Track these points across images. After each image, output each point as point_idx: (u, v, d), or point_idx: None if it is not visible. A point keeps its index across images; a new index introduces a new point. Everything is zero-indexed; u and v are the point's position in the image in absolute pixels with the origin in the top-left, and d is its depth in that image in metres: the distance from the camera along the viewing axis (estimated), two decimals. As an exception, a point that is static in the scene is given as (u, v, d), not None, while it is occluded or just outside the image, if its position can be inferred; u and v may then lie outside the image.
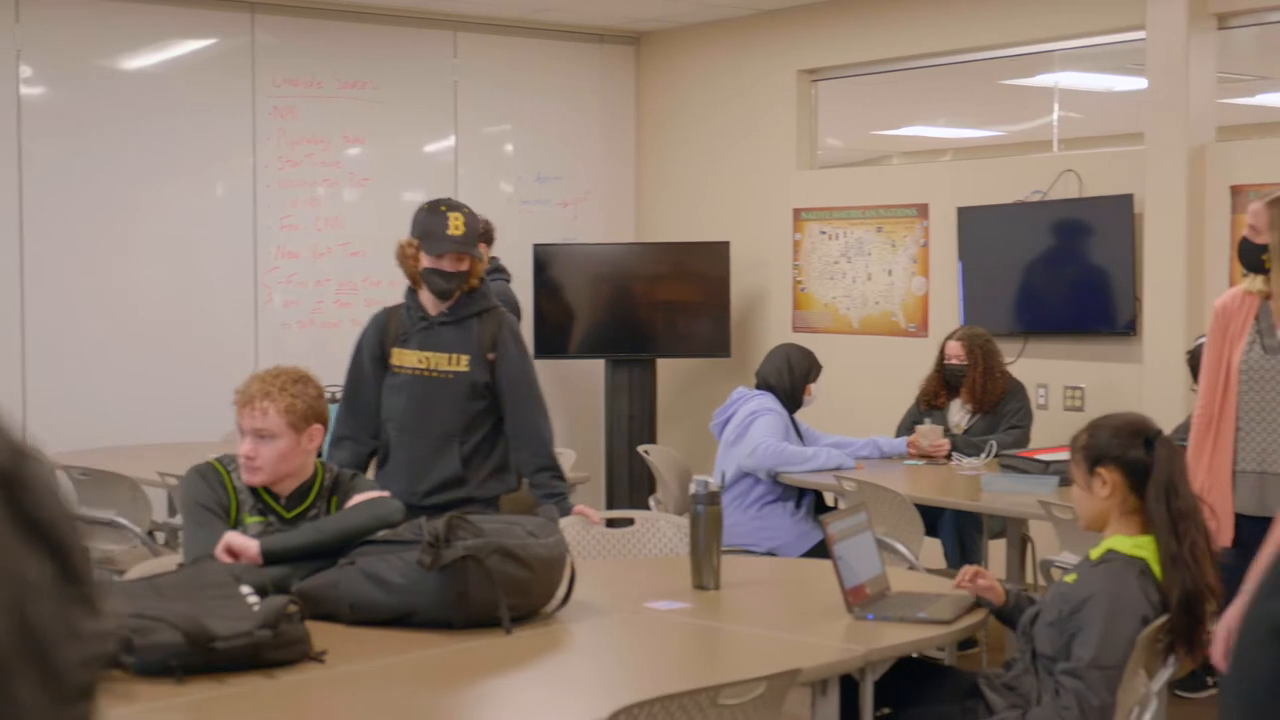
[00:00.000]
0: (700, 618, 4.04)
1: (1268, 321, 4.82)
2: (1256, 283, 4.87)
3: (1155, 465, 3.78)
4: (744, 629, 4.04)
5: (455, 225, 4.99)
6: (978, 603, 4.04)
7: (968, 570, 4.05)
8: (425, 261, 5.03)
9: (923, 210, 8.78)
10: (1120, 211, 7.71)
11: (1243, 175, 7.38)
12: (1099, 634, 3.62)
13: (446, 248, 5.00)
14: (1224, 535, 4.65)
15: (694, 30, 9.94)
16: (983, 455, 6.91)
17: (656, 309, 9.70)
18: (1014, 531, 7.04)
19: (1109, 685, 3.60)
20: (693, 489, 4.37)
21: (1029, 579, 6.76)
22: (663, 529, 5.17)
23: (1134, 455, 3.80)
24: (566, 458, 7.39)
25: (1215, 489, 4.76)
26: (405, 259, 5.08)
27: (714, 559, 4.28)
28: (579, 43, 10.13)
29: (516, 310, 7.57)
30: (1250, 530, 4.66)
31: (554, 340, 9.58)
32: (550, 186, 10.08)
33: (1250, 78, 10.94)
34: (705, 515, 4.30)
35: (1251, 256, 4.83)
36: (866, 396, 8.58)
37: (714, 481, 4.41)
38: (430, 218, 5.05)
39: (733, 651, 3.88)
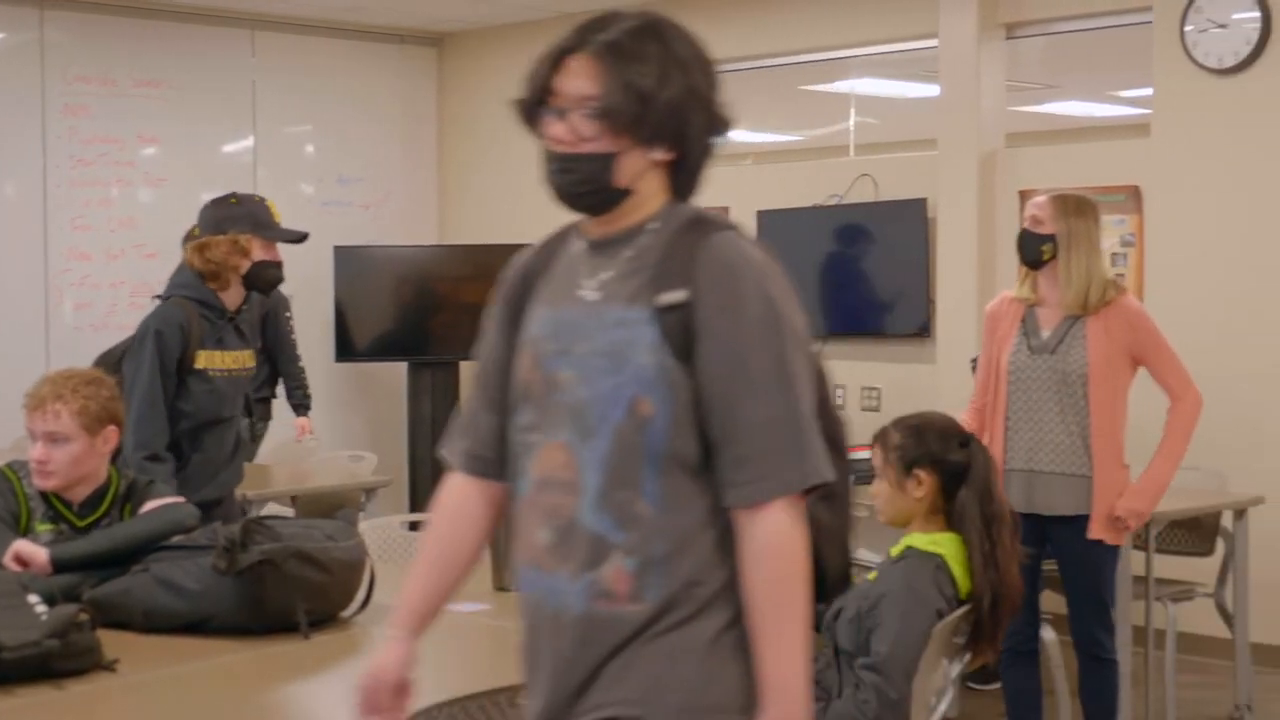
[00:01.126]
0: (500, 618, 4.03)
1: (1034, 324, 4.96)
2: (1024, 289, 5.02)
3: (972, 469, 3.87)
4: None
5: (276, 214, 4.93)
6: None
7: None
8: (258, 254, 4.86)
9: (724, 213, 8.83)
10: (914, 215, 7.88)
11: (1031, 180, 7.58)
12: (895, 629, 3.69)
13: (281, 235, 4.90)
14: None
15: (496, 32, 9.93)
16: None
17: (458, 311, 9.65)
18: (813, 529, 7.16)
19: (906, 678, 3.67)
20: (493, 490, 4.35)
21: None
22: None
23: (953, 458, 3.88)
24: (367, 462, 7.35)
25: None
26: (230, 256, 4.83)
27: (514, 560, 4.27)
28: (380, 43, 10.05)
29: None
30: (1034, 527, 4.81)
31: (355, 343, 9.50)
32: (351, 188, 9.99)
33: (1039, 86, 11.26)
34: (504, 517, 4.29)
35: (1032, 249, 4.94)
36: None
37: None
38: (254, 209, 4.90)
39: (533, 652, 3.87)
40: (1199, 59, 7.01)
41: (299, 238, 4.96)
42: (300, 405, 8.03)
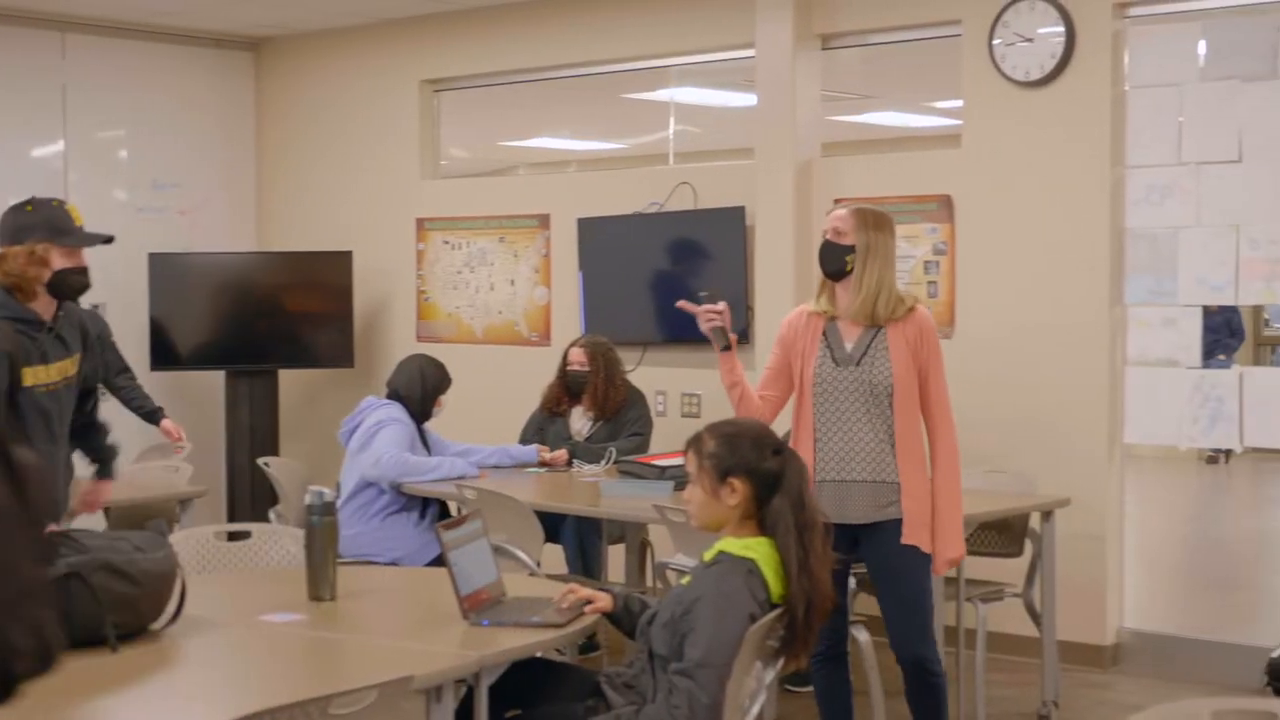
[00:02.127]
0: (315, 629, 4.01)
1: (836, 336, 4.95)
2: (822, 302, 5.02)
3: (786, 477, 3.92)
4: (359, 638, 4.02)
5: (77, 217, 4.77)
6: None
7: (561, 594, 4.10)
8: (59, 261, 4.66)
9: (544, 221, 8.89)
10: (733, 223, 7.96)
11: (846, 189, 7.71)
12: (708, 634, 3.73)
13: (80, 240, 4.73)
14: None
15: (315, 37, 9.84)
16: (602, 462, 7.04)
17: (278, 319, 9.55)
18: (633, 536, 7.20)
19: (719, 682, 3.71)
20: (308, 499, 4.34)
21: (649, 582, 6.92)
22: (282, 541, 5.09)
23: (767, 467, 3.92)
24: (183, 472, 7.24)
25: None
26: (28, 267, 4.64)
27: (330, 569, 4.26)
28: (196, 47, 9.91)
29: None
30: (845, 536, 4.84)
31: (171, 351, 9.35)
32: (167, 194, 9.83)
33: (856, 96, 11.45)
34: (320, 526, 4.27)
35: (835, 260, 4.97)
36: (491, 405, 8.63)
37: (329, 492, 4.38)
38: (51, 214, 4.71)
39: (347, 661, 3.86)
40: (1006, 71, 7.19)
41: (101, 241, 4.82)
42: (154, 412, 7.87)
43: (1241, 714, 2.96)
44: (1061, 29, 7.02)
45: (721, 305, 5.00)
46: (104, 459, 5.26)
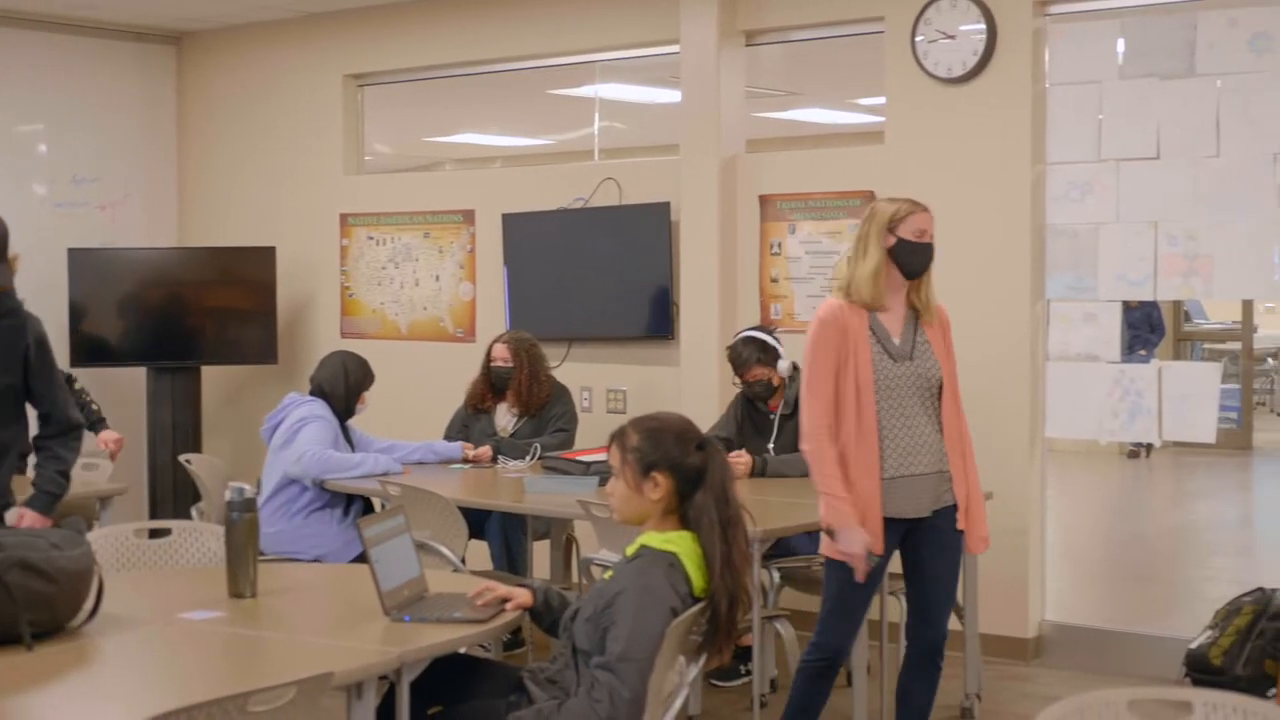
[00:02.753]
0: (235, 626, 3.98)
1: (883, 332, 4.90)
2: (875, 298, 4.89)
3: (709, 472, 3.93)
4: (280, 636, 4.00)
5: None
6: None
7: (476, 591, 4.09)
8: None
9: (469, 216, 8.86)
10: (658, 219, 7.97)
11: (770, 185, 7.74)
12: (629, 628, 3.73)
13: None
14: (876, 545, 4.79)
15: (238, 31, 9.77)
16: (527, 458, 7.03)
17: (200, 315, 9.48)
18: (558, 532, 7.21)
19: (640, 676, 3.72)
20: (228, 496, 4.30)
21: (574, 578, 6.92)
22: (203, 538, 5.06)
23: (690, 462, 3.93)
24: (103, 469, 7.17)
25: (865, 498, 4.80)
26: None
27: (250, 567, 4.23)
28: (117, 41, 9.81)
29: None
30: (899, 531, 4.90)
31: (92, 348, 9.26)
32: (87, 189, 9.73)
33: (783, 93, 11.49)
34: (240, 522, 4.24)
35: (928, 261, 4.99)
36: (416, 401, 8.61)
37: (249, 488, 4.35)
38: None
39: (267, 659, 3.83)
40: (929, 68, 7.23)
41: None
42: (97, 422, 7.60)
43: (1157, 704, 2.99)
44: (983, 26, 7.07)
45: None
46: (39, 491, 5.10)
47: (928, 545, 5.00)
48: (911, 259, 4.96)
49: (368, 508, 6.79)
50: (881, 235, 4.95)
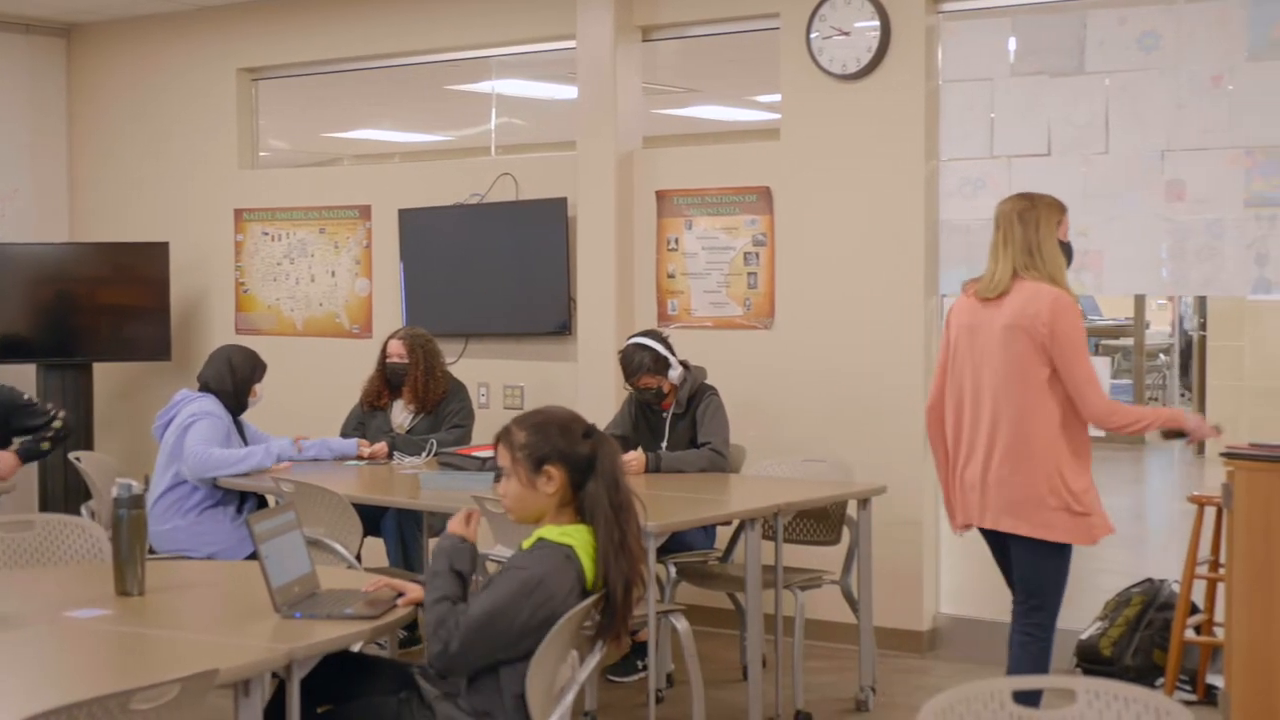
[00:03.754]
0: (121, 624, 3.93)
1: None
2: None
3: (599, 460, 3.93)
4: (166, 633, 3.94)
5: None
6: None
7: (369, 585, 4.08)
8: None
9: (365, 212, 8.80)
10: (554, 215, 7.96)
11: (668, 181, 7.75)
12: (496, 597, 3.78)
13: None
14: (1105, 527, 5.14)
15: (130, 24, 9.64)
16: (423, 454, 6.99)
17: (92, 312, 9.35)
18: (454, 528, 7.16)
19: (480, 639, 3.76)
20: (115, 492, 4.24)
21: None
22: (94, 536, 4.99)
23: (580, 451, 3.92)
24: (-10, 468, 7.05)
25: (1094, 489, 5.11)
26: None
27: (137, 564, 4.17)
28: (3, 32, 9.64)
29: None
30: None
31: (-20, 345, 9.10)
32: (-25, 183, 9.57)
33: (681, 90, 11.51)
34: (127, 519, 4.18)
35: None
36: (312, 398, 8.53)
37: (136, 485, 4.29)
38: None
39: (152, 657, 3.77)
40: (824, 65, 7.27)
41: None
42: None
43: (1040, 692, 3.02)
44: (877, 23, 7.11)
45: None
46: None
47: None
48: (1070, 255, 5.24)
49: (262, 505, 6.72)
50: (1054, 234, 5.19)
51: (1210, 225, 6.47)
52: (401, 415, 7.36)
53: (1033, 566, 5.15)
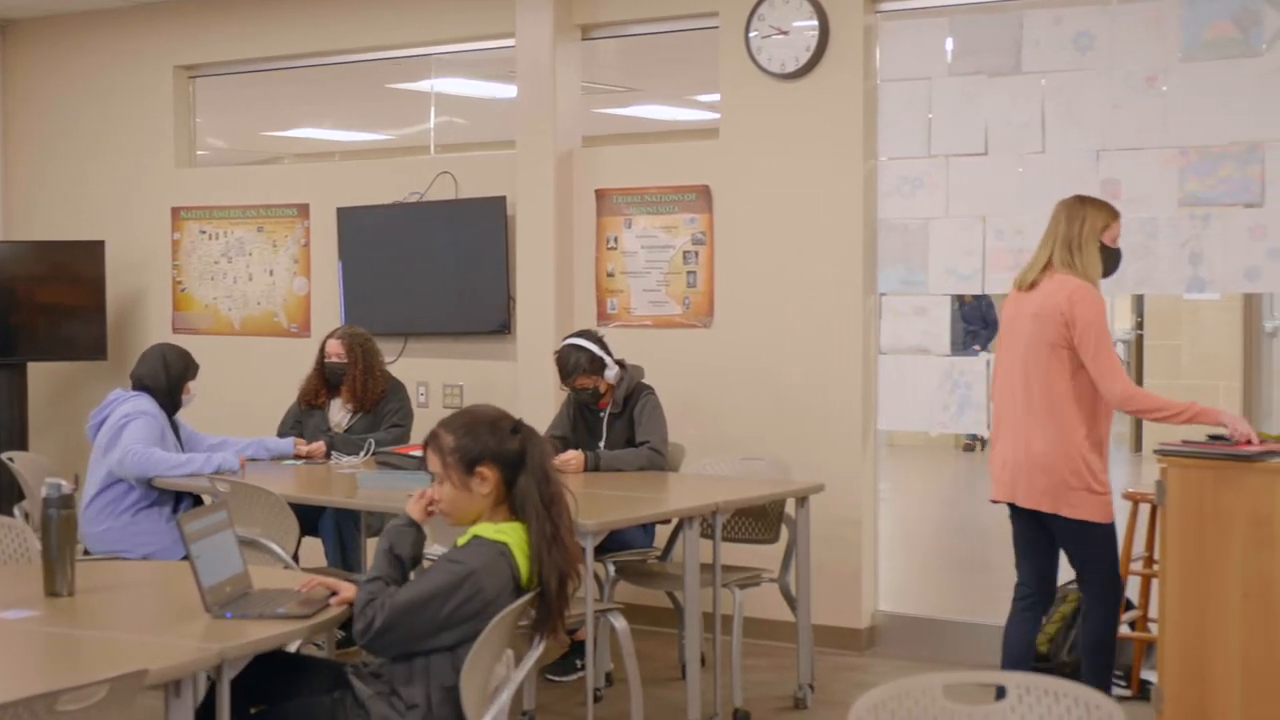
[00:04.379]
0: (50, 625, 3.89)
1: None
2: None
3: (529, 455, 3.92)
4: (96, 634, 3.90)
5: None
6: None
7: (303, 584, 4.06)
8: None
9: (304, 210, 8.76)
10: (494, 213, 7.94)
11: (607, 180, 7.75)
12: (427, 586, 3.79)
13: None
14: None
15: (66, 20, 9.55)
16: (361, 454, 6.96)
17: (27, 311, 9.27)
18: (392, 528, 7.12)
19: (407, 630, 3.76)
20: (45, 492, 4.20)
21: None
22: (23, 536, 4.94)
23: (510, 448, 3.92)
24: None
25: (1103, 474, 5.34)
26: None
27: (67, 564, 4.13)
28: (-63, 29, 9.56)
29: None
30: None
31: (-88, 344, 9.00)
32: (-93, 181, 9.46)
33: (622, 89, 11.50)
34: (57, 519, 4.14)
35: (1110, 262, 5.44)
36: (250, 397, 8.48)
37: (66, 484, 4.25)
38: None
39: (81, 657, 3.73)
40: (763, 64, 7.28)
41: None
42: None
43: (972, 686, 3.03)
44: (815, 23, 7.13)
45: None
46: None
47: None
48: (1112, 264, 5.48)
49: (197, 505, 6.67)
50: (1095, 237, 5.41)
51: (1145, 224, 6.51)
52: (339, 414, 7.33)
53: (1072, 544, 5.44)
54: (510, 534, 3.90)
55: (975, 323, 14.37)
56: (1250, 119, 6.33)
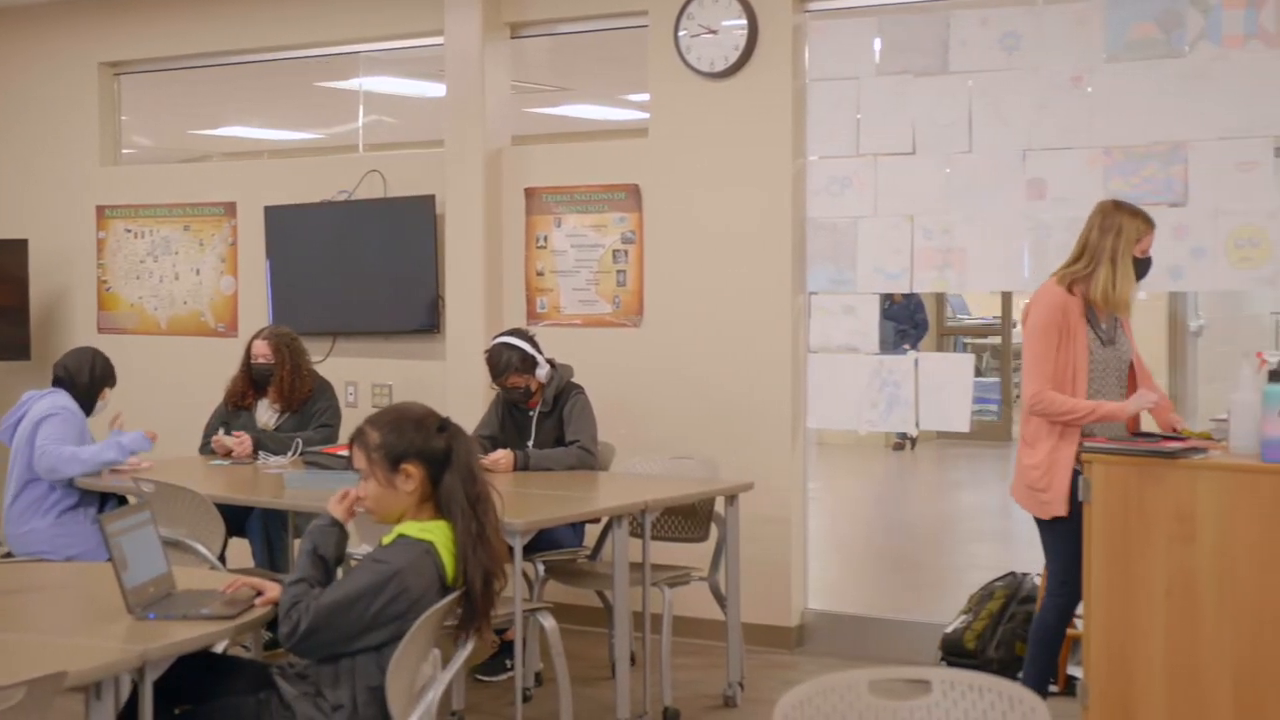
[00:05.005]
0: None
1: (1094, 316, 5.48)
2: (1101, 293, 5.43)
3: (455, 453, 3.90)
4: (14, 636, 3.84)
5: None
6: None
7: (228, 585, 4.04)
8: None
9: (230, 209, 8.69)
10: (423, 212, 7.90)
11: (537, 179, 7.73)
12: (351, 589, 3.78)
13: None
14: (1060, 506, 5.40)
15: (-13, 15, 9.45)
16: (289, 453, 6.91)
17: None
18: (320, 528, 7.07)
19: (333, 631, 3.74)
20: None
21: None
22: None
23: (435, 445, 3.90)
24: None
25: (1059, 468, 5.40)
26: None
27: (-15, 566, 4.08)
28: None
29: None
30: None
31: None
32: None
33: (553, 89, 11.49)
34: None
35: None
36: (177, 397, 8.40)
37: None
38: None
39: (-1, 660, 3.69)
40: (692, 63, 7.28)
41: None
42: None
43: (897, 683, 3.04)
44: (744, 22, 7.14)
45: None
46: None
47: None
48: (1141, 273, 5.51)
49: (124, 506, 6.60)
50: (1130, 250, 5.45)
51: (1070, 223, 6.53)
52: (267, 415, 7.27)
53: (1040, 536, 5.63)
54: (435, 532, 3.89)
55: (905, 322, 14.45)
56: (1173, 119, 6.40)
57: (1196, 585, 5.10)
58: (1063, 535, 5.43)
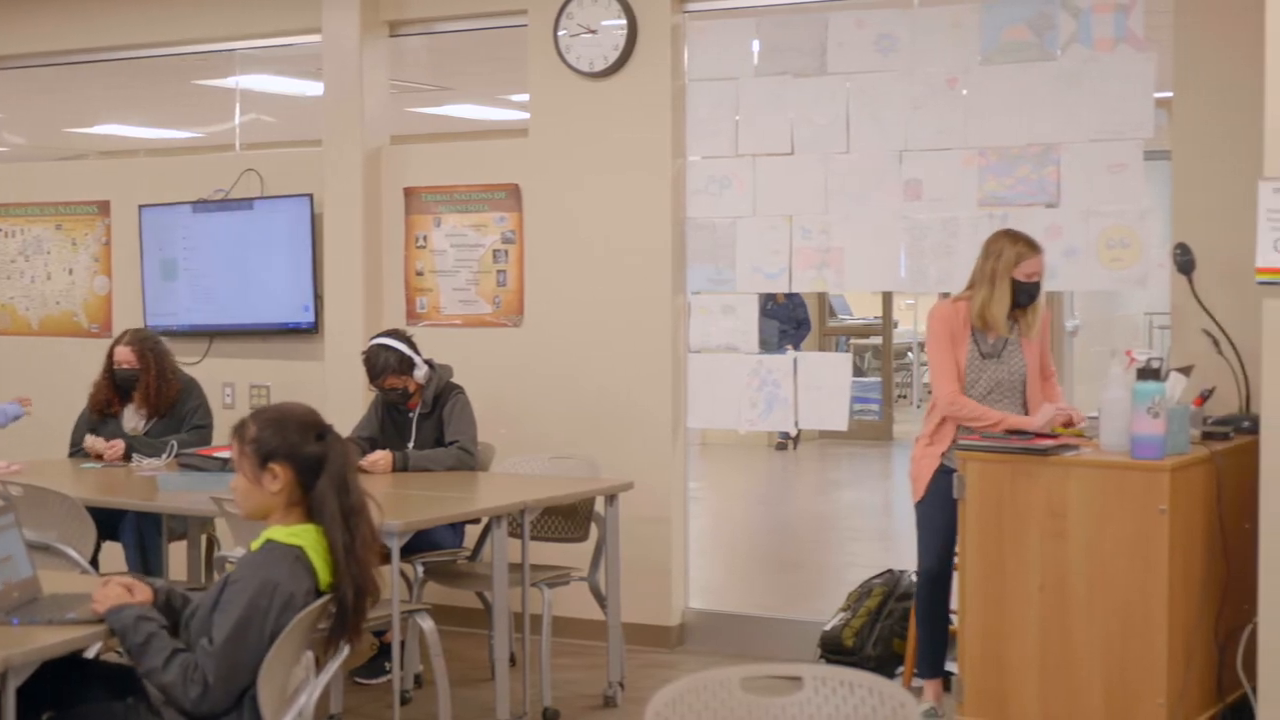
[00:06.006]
0: None
1: (978, 332, 5.79)
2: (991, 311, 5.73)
3: (329, 461, 3.85)
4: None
5: None
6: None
7: (98, 587, 3.96)
8: None
9: (104, 208, 8.56)
10: (300, 212, 7.83)
11: (415, 178, 7.69)
12: (236, 617, 3.66)
13: None
14: (919, 493, 5.79)
15: None
16: (164, 456, 6.80)
17: None
18: (195, 531, 7.01)
19: (234, 671, 3.64)
20: None
21: (213, 577, 6.74)
22: None
23: (308, 451, 3.84)
24: None
25: (927, 460, 5.75)
26: None
27: None
28: None
29: None
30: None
31: None
32: None
33: (434, 88, 11.44)
34: None
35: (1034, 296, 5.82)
36: (50, 398, 8.23)
37: None
38: None
39: None
40: (571, 62, 7.27)
41: None
42: None
43: (769, 679, 3.05)
44: (624, 22, 7.14)
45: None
46: None
47: None
48: (1031, 295, 5.79)
49: (-9, 510, 6.46)
50: (1008, 273, 5.72)
51: (946, 224, 6.64)
52: (134, 420, 7.12)
53: None
54: (304, 536, 3.83)
55: (787, 322, 14.53)
56: (1046, 121, 6.48)
57: (1068, 580, 5.18)
58: (920, 518, 5.83)
